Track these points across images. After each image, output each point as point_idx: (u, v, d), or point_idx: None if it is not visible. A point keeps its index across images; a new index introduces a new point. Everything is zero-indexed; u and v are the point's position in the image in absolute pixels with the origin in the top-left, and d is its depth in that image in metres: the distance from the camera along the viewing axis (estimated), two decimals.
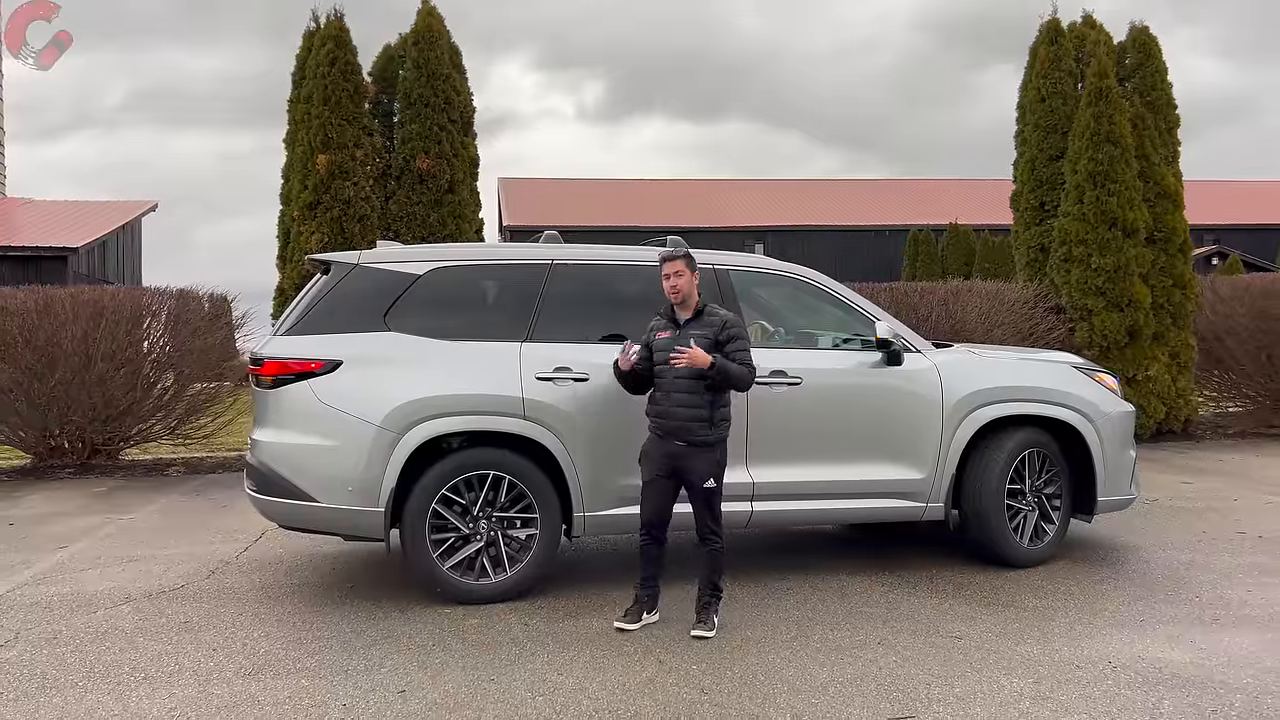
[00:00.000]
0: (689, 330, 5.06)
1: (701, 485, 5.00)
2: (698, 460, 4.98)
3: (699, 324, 5.08)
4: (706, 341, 4.99)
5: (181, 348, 11.34)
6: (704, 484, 5.00)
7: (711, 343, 5.01)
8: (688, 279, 5.09)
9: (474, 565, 5.53)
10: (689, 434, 4.99)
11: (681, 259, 5.09)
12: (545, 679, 4.38)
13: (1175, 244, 12.43)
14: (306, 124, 10.95)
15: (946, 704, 4.06)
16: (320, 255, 6.12)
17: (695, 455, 4.99)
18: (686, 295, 5.10)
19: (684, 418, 4.99)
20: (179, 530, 7.74)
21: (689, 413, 4.99)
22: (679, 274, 5.08)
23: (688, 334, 5.04)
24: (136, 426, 11.31)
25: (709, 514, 5.04)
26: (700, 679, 4.37)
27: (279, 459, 5.47)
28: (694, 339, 4.99)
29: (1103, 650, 4.68)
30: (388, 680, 4.39)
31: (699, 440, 4.99)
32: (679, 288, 5.09)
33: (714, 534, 5.06)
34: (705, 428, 4.99)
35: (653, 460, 5.11)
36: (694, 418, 4.98)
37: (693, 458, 4.99)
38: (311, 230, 10.71)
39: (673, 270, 5.09)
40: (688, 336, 5.02)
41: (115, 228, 26.32)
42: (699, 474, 4.99)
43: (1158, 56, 12.84)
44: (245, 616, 5.38)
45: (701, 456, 4.99)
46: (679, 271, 5.08)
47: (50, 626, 5.24)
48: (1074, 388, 6.36)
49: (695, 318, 5.10)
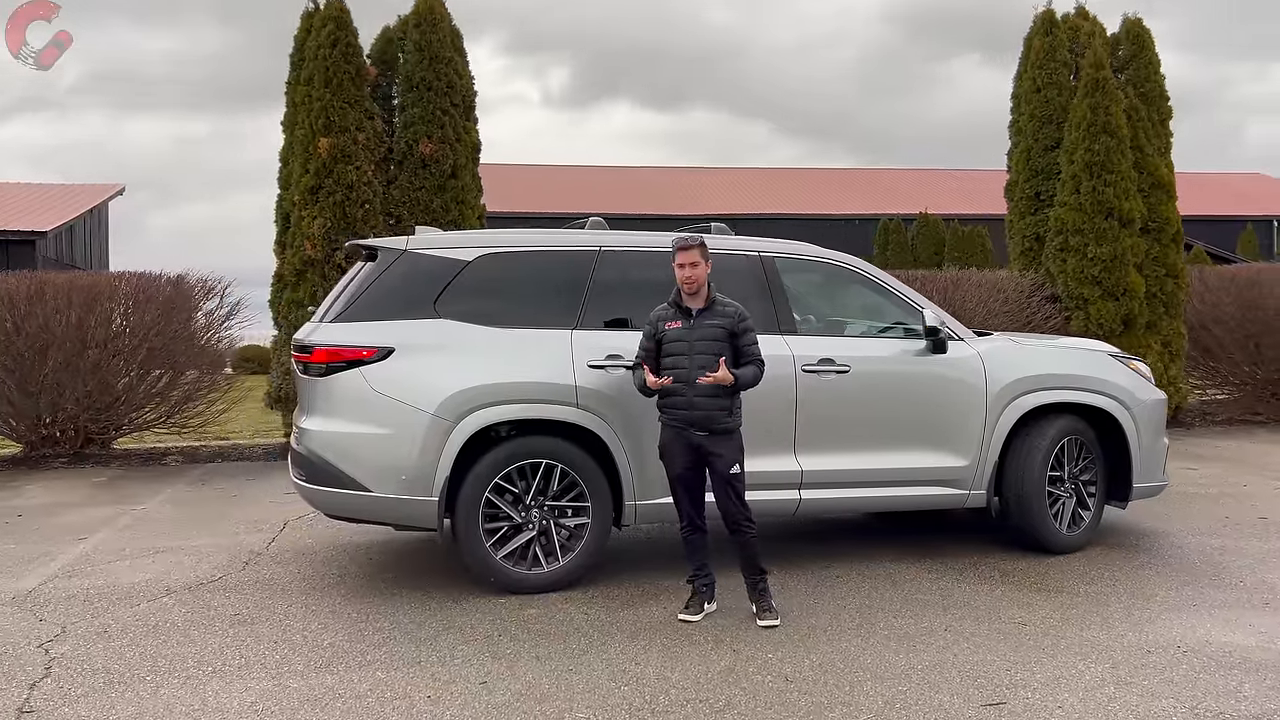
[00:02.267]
0: (703, 321, 4.97)
1: (728, 471, 4.95)
2: (722, 446, 4.95)
3: (712, 315, 4.99)
4: (721, 332, 4.95)
5: (176, 335, 11.11)
6: (730, 469, 4.95)
7: (726, 334, 4.96)
8: (703, 269, 4.98)
9: (526, 555, 5.47)
10: (712, 423, 4.94)
11: (697, 248, 4.96)
12: (624, 669, 4.35)
13: (1168, 234, 12.61)
14: (307, 106, 10.73)
15: (1032, 689, 4.09)
16: (365, 241, 6.01)
17: (719, 442, 4.95)
18: (701, 284, 4.99)
19: (708, 408, 4.93)
20: (198, 521, 7.58)
21: (713, 403, 4.93)
22: (694, 264, 4.94)
23: (702, 325, 4.96)
24: (130, 415, 11.07)
25: (737, 500, 4.98)
26: (780, 667, 4.36)
27: (329, 448, 5.37)
28: (708, 330, 4.94)
29: (1167, 635, 4.73)
30: (465, 672, 4.33)
31: (721, 428, 4.95)
32: (695, 278, 4.96)
33: (747, 520, 5.00)
34: (726, 416, 4.96)
35: (676, 454, 5.05)
36: (717, 407, 4.94)
37: (717, 444, 4.95)
38: (314, 215, 10.50)
39: (688, 260, 4.95)
40: (702, 328, 4.96)
41: (83, 211, 25.69)
42: (725, 460, 4.95)
43: (1151, 49, 13.01)
44: (296, 608, 5.28)
45: (725, 443, 4.96)
46: (695, 261, 4.94)
47: (97, 620, 5.11)
48: (1112, 375, 6.43)
49: (707, 309, 5.01)
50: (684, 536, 5.13)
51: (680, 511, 5.12)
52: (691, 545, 5.12)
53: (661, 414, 5.07)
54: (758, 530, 5.07)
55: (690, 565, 5.14)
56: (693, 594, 5.12)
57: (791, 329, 5.92)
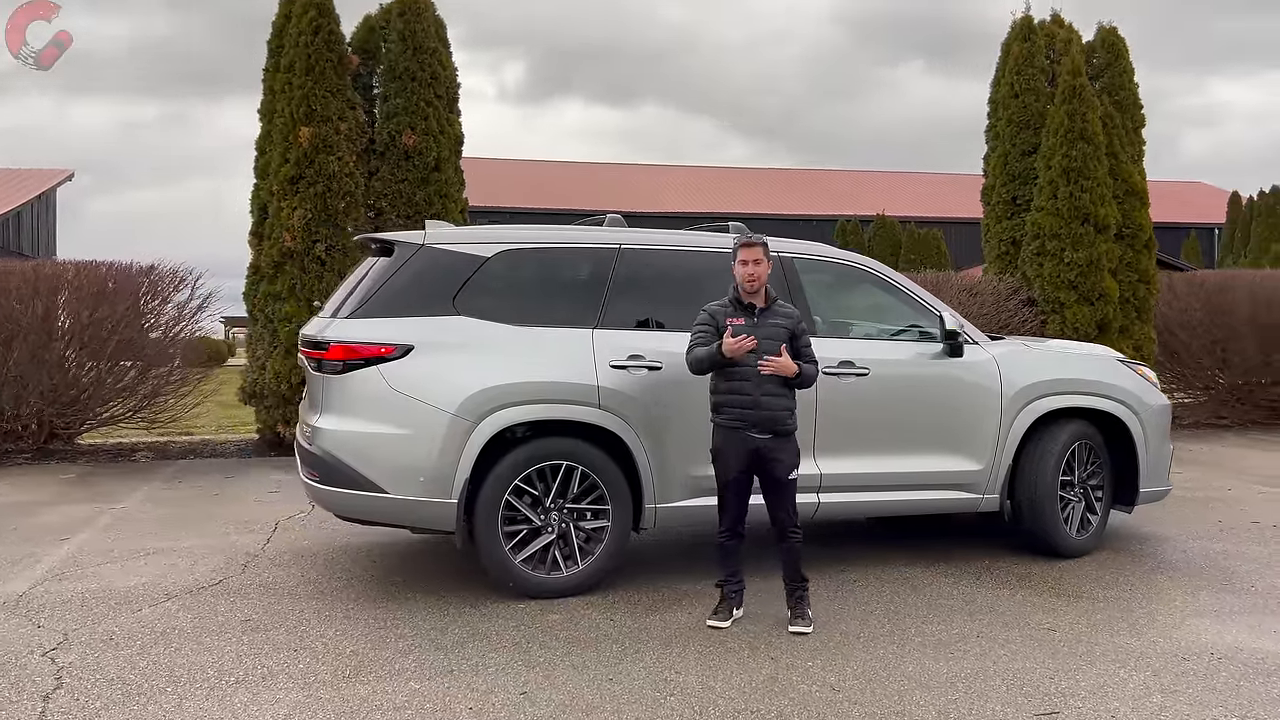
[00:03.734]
0: (767, 320, 4.94)
1: (786, 476, 4.91)
2: (783, 451, 4.90)
3: (773, 315, 4.97)
4: (784, 333, 4.93)
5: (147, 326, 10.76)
6: (789, 474, 4.92)
7: (788, 334, 4.94)
8: (765, 267, 4.96)
9: (545, 559, 5.34)
10: (777, 424, 4.89)
11: (760, 246, 4.96)
12: (665, 678, 4.24)
13: (1141, 240, 12.82)
14: (287, 94, 10.44)
15: (1081, 698, 4.06)
16: (380, 235, 5.82)
17: (782, 446, 4.90)
18: (763, 283, 4.98)
19: (774, 408, 4.88)
20: (184, 521, 7.31)
21: (779, 402, 4.89)
22: (758, 261, 4.93)
23: (766, 324, 4.92)
24: (97, 409, 10.69)
25: (789, 506, 4.95)
26: (824, 676, 4.28)
27: (345, 448, 5.18)
28: (772, 329, 4.90)
29: (1197, 641, 4.75)
30: (502, 681, 4.19)
31: (784, 430, 4.91)
32: (757, 275, 4.93)
33: (796, 526, 4.98)
34: (789, 417, 4.93)
35: (731, 457, 4.94)
36: (783, 408, 4.91)
37: (779, 449, 4.90)
38: (294, 206, 10.22)
39: (752, 257, 4.93)
40: (767, 326, 4.91)
41: (31, 198, 24.83)
42: (784, 465, 4.90)
43: (1125, 57, 13.20)
44: (309, 614, 5.10)
45: (786, 447, 4.92)
46: (758, 259, 4.93)
47: (99, 626, 4.88)
48: (1121, 380, 6.47)
49: (768, 308, 5.00)
50: (721, 542, 5.03)
51: (724, 516, 5.01)
52: (727, 551, 5.03)
53: (719, 414, 4.96)
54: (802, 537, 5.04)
55: (722, 571, 5.05)
56: (722, 599, 5.04)
57: (811, 330, 5.85)
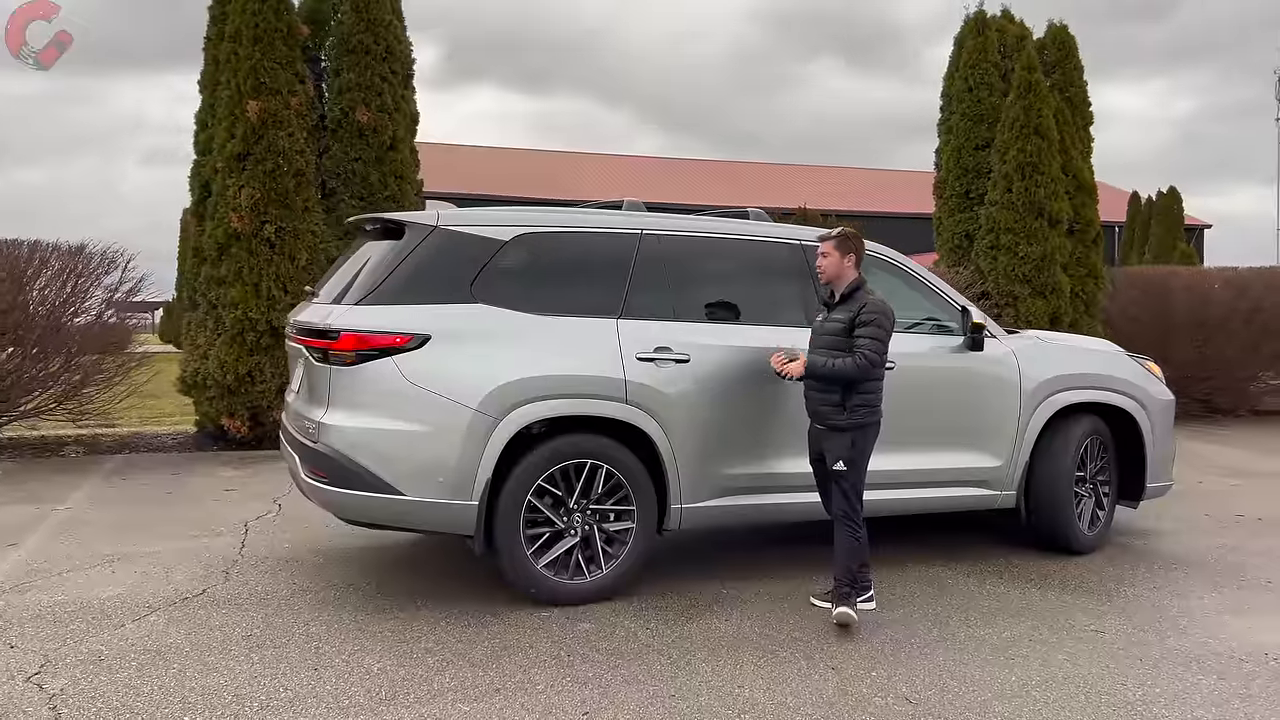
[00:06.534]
0: (832, 315, 5.02)
1: (833, 466, 4.92)
2: (832, 442, 4.95)
3: (841, 307, 4.99)
4: (842, 326, 4.92)
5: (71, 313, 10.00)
6: (834, 465, 4.92)
7: (845, 326, 4.89)
8: (834, 260, 4.99)
9: (568, 563, 5.01)
10: (822, 418, 4.98)
11: (833, 240, 5.00)
12: (729, 692, 3.97)
13: (1090, 236, 13.01)
14: (233, 65, 9.81)
15: (1162, 705, 3.92)
16: (387, 215, 5.38)
17: (830, 437, 4.96)
18: (833, 276, 5.02)
19: (818, 402, 5.00)
20: (141, 523, 6.73)
21: (821, 398, 4.97)
22: (825, 255, 5.03)
23: (830, 319, 5.01)
24: (20, 400, 9.89)
25: (842, 496, 4.94)
26: (893, 686, 4.07)
27: (358, 446, 4.74)
28: (833, 324, 4.95)
29: (1246, 642, 4.67)
30: (558, 701, 3.86)
31: (830, 424, 4.93)
32: (823, 269, 5.06)
33: (848, 518, 4.91)
34: (837, 412, 4.90)
35: (809, 442, 5.19)
36: (825, 403, 4.95)
37: (828, 439, 4.97)
38: (240, 184, 9.61)
39: (820, 250, 5.04)
40: (830, 321, 5.00)
41: None
42: (832, 455, 4.94)
43: (1075, 55, 13.35)
44: (316, 627, 4.67)
45: (835, 439, 4.93)
46: (825, 252, 5.03)
47: (82, 646, 4.37)
48: (1132, 375, 6.42)
49: (841, 301, 4.98)
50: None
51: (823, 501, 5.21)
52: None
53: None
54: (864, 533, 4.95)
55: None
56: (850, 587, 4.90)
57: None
